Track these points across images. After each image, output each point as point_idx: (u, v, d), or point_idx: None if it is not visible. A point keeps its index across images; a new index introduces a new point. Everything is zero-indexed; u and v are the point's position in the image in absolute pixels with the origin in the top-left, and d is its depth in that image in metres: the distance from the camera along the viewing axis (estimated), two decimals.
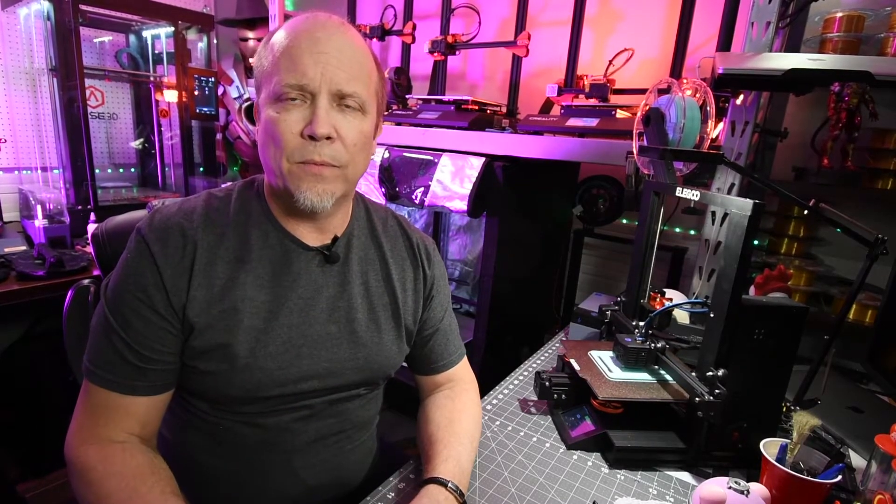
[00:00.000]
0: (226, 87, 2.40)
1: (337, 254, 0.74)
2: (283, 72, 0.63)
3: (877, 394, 1.08)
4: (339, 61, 0.64)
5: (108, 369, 0.64)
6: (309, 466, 0.75)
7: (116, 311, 0.65)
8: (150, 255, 0.65)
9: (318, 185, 0.66)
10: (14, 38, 2.02)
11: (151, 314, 0.64)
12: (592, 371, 0.89)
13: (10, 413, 1.73)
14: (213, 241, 0.68)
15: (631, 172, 1.21)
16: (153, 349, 0.64)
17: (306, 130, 0.64)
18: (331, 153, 0.65)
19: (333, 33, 0.65)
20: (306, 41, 0.64)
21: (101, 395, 0.65)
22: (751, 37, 1.15)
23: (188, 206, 0.70)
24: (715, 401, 0.73)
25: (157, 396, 0.67)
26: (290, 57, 0.63)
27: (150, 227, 0.66)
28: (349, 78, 0.65)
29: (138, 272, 0.65)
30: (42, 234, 1.78)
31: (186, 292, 0.65)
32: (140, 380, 0.65)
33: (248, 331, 0.67)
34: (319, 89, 0.64)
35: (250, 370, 0.67)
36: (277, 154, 0.65)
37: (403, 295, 0.80)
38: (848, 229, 0.84)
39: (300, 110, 0.64)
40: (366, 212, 0.82)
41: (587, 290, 1.92)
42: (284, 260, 0.71)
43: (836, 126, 1.14)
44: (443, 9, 1.81)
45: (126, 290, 0.64)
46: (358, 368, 0.75)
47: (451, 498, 0.66)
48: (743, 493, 0.64)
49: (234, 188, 0.75)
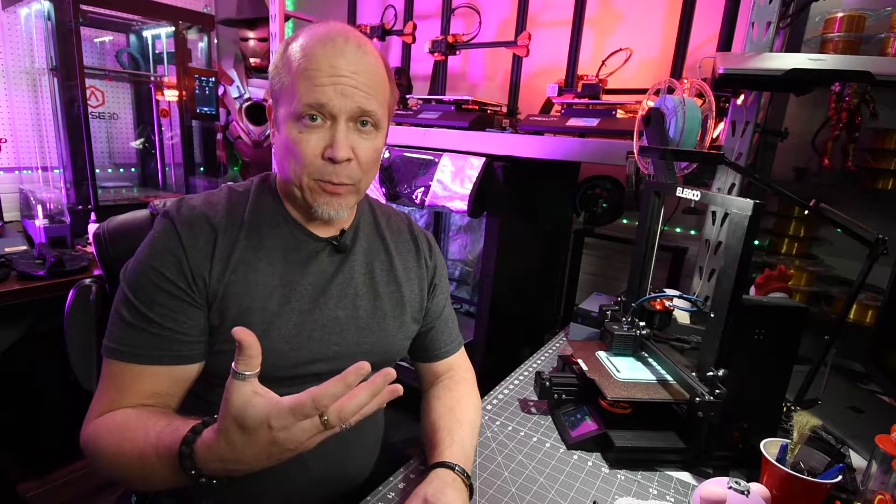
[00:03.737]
0: (226, 87, 2.40)
1: (345, 244, 0.79)
2: (304, 93, 0.66)
3: (877, 394, 1.08)
4: (358, 82, 0.67)
5: (132, 342, 0.66)
6: (316, 456, 0.75)
7: (139, 288, 0.67)
8: (177, 237, 0.69)
9: (334, 201, 0.72)
10: (15, 37, 2.01)
11: (175, 289, 0.67)
12: (601, 372, 0.89)
13: (10, 413, 1.73)
14: (233, 231, 0.73)
15: (631, 172, 1.21)
16: (177, 320, 0.67)
17: (327, 153, 0.68)
18: (347, 173, 0.70)
19: (354, 53, 0.68)
20: (325, 61, 0.66)
21: (123, 370, 0.67)
22: (751, 37, 1.15)
23: (213, 199, 0.75)
24: (715, 401, 0.73)
25: (179, 370, 0.68)
26: (311, 79, 0.66)
27: (179, 212, 0.71)
28: (367, 98, 0.68)
29: (166, 250, 0.68)
30: (42, 233, 1.78)
31: (209, 272, 0.69)
32: (165, 349, 0.67)
33: (260, 312, 0.70)
34: (340, 113, 0.67)
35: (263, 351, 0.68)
36: (299, 170, 0.70)
37: (408, 284, 0.85)
38: (848, 229, 0.84)
39: (320, 132, 0.68)
40: (370, 207, 0.88)
41: (587, 290, 1.92)
42: (295, 249, 0.76)
43: (836, 126, 1.14)
44: (443, 9, 1.81)
45: (152, 266, 0.68)
46: (364, 353, 0.77)
47: (458, 479, 0.70)
48: (743, 494, 0.64)
49: (252, 184, 0.80)
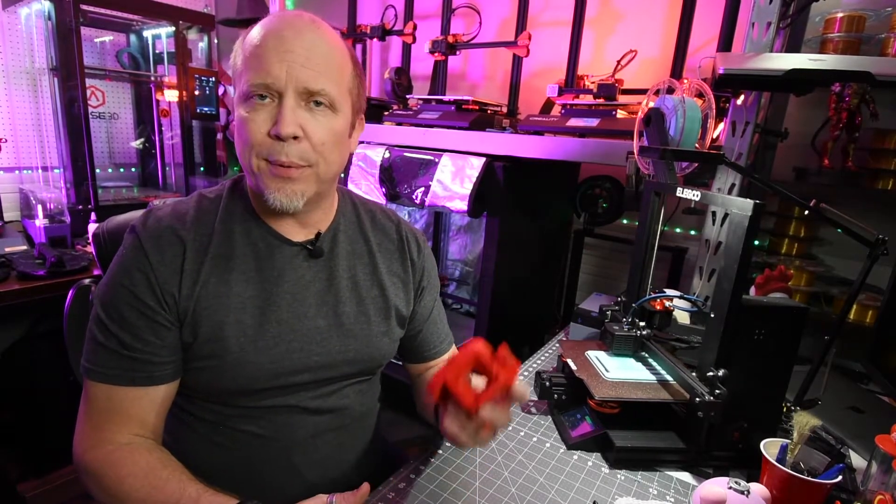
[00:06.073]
0: (226, 87, 2.40)
1: (321, 249, 0.75)
2: (251, 71, 0.64)
3: (877, 394, 1.08)
4: (305, 59, 0.64)
5: (105, 364, 0.65)
6: (309, 464, 0.75)
7: (111, 306, 0.66)
8: (143, 253, 0.66)
9: (286, 187, 0.66)
10: (15, 37, 2.01)
11: (144, 308, 0.65)
12: (589, 371, 0.89)
13: (10, 413, 1.73)
14: (203, 241, 0.69)
15: (631, 172, 1.21)
16: (147, 341, 0.66)
17: (272, 130, 0.64)
18: (298, 153, 0.65)
19: (301, 31, 0.65)
20: (273, 40, 0.64)
21: (100, 392, 0.65)
22: (751, 37, 1.15)
23: (181, 209, 0.71)
24: (715, 401, 0.73)
25: (156, 391, 0.67)
26: (257, 56, 0.64)
27: (145, 227, 0.68)
28: (316, 75, 0.65)
29: (133, 268, 0.66)
30: (43, 233, 1.77)
31: (178, 289, 0.66)
32: (137, 371, 0.65)
33: (236, 325, 0.68)
34: (285, 88, 0.64)
35: (241, 364, 0.68)
36: (247, 152, 0.66)
37: (393, 287, 0.81)
38: (848, 229, 0.84)
39: (268, 110, 0.64)
40: (352, 206, 0.83)
41: (587, 290, 1.92)
42: (268, 255, 0.72)
43: (836, 126, 1.14)
44: (443, 9, 1.81)
45: (121, 284, 0.66)
46: (349, 361, 0.76)
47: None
48: (743, 494, 0.64)
49: (224, 188, 0.76)
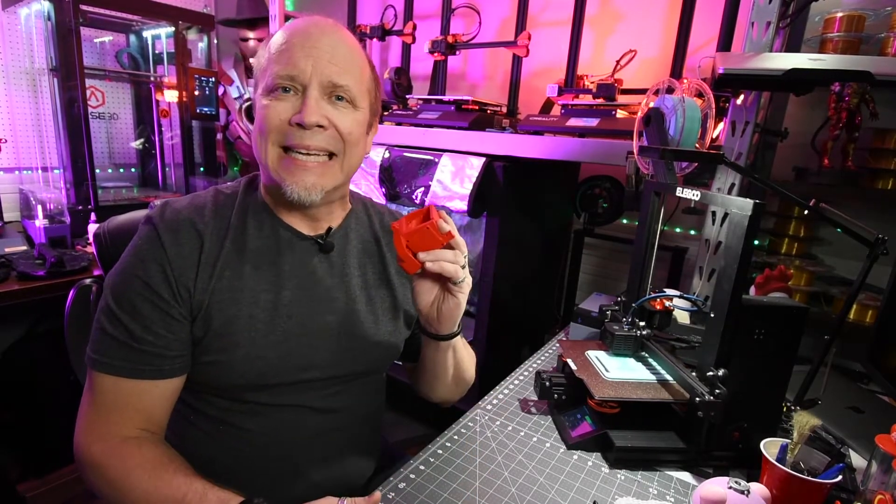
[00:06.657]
0: (226, 87, 2.40)
1: (331, 243, 0.75)
2: (277, 65, 0.66)
3: (877, 394, 1.08)
4: (331, 56, 0.67)
5: (114, 355, 0.65)
6: (312, 463, 0.75)
7: (122, 297, 0.66)
8: (160, 244, 0.66)
9: (305, 178, 0.67)
10: (14, 38, 2.01)
11: (158, 299, 0.65)
12: (589, 371, 0.89)
13: (10, 413, 1.73)
14: (219, 235, 0.70)
15: (631, 172, 1.21)
16: (158, 334, 0.65)
17: (294, 118, 0.65)
18: (323, 140, 0.67)
19: (326, 30, 0.68)
20: (299, 37, 0.67)
21: (107, 384, 0.65)
22: (751, 37, 1.15)
23: (199, 202, 0.72)
24: (715, 401, 0.73)
25: (164, 384, 0.67)
26: (283, 52, 0.66)
27: (162, 218, 0.68)
28: (341, 71, 0.67)
29: (149, 258, 0.66)
30: (42, 234, 1.78)
31: (194, 282, 0.66)
32: (146, 363, 0.65)
33: (247, 320, 0.68)
34: (310, 81, 0.66)
35: (250, 359, 0.68)
36: (263, 142, 0.67)
37: (402, 288, 0.83)
38: (848, 229, 0.84)
39: (290, 101, 0.66)
40: (364, 207, 0.86)
41: (587, 290, 1.92)
42: (281, 249, 0.72)
43: (836, 126, 1.14)
44: (443, 9, 1.81)
45: (135, 275, 0.66)
46: (356, 359, 0.76)
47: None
48: (743, 493, 0.64)
49: (240, 185, 0.77)
